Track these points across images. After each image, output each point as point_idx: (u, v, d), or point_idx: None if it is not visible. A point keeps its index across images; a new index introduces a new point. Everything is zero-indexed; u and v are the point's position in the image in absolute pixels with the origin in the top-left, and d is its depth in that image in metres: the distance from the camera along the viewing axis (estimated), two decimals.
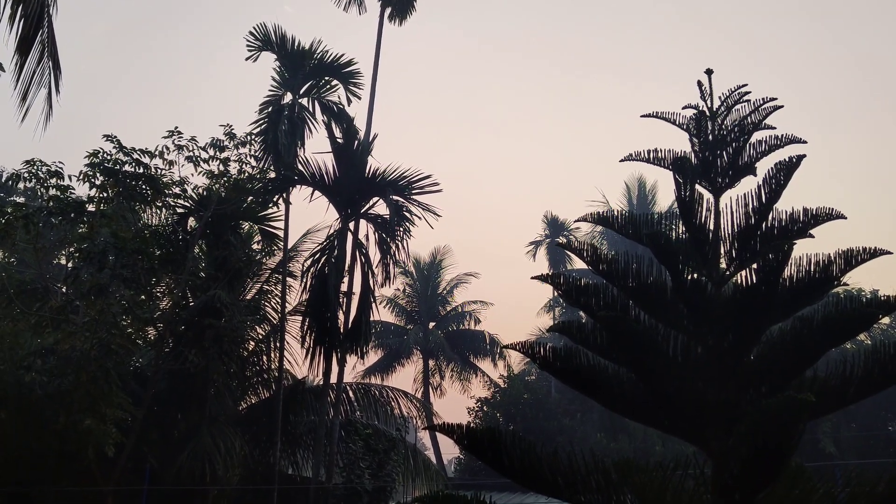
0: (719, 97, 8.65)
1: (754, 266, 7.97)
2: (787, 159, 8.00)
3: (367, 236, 20.11)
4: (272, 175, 20.09)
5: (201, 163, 17.52)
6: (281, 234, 20.89)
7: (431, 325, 41.61)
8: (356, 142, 20.52)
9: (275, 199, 20.29)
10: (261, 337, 21.23)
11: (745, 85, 8.50)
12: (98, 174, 16.15)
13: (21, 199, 21.56)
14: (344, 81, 22.22)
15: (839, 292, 8.16)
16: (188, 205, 18.58)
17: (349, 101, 22.12)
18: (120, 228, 15.88)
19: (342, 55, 21.91)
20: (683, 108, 8.72)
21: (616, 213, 8.64)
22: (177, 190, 17.59)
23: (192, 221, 18.98)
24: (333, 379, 19.97)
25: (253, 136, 19.15)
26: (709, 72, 8.64)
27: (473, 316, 41.74)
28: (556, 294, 40.96)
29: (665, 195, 45.84)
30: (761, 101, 8.42)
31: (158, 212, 18.20)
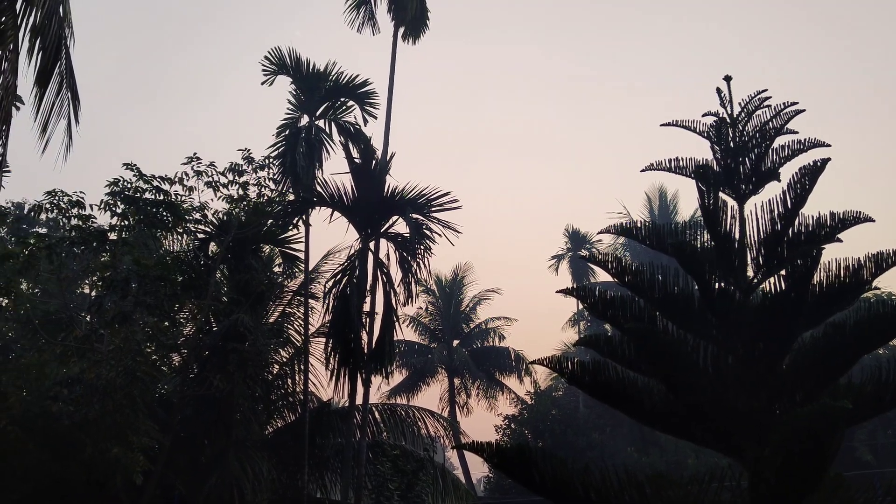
0: (739, 103, 8.56)
1: (782, 273, 7.85)
2: (811, 163, 7.89)
3: (387, 255, 20.04)
4: (291, 197, 20.12)
5: (220, 188, 17.58)
6: (301, 255, 20.92)
7: (455, 342, 41.39)
8: (374, 161, 20.52)
9: (294, 222, 20.31)
10: (285, 360, 21.21)
11: (766, 90, 8.41)
12: (119, 202, 16.22)
13: (43, 230, 21.70)
14: (360, 102, 22.25)
15: (869, 297, 8.00)
16: (209, 230, 18.63)
17: (365, 122, 22.14)
18: (142, 256, 15.93)
19: (357, 76, 21.96)
20: (703, 115, 8.63)
21: (639, 223, 8.55)
22: (197, 215, 17.63)
23: (213, 246, 19.01)
24: (359, 400, 19.87)
25: (271, 160, 19.19)
26: (727, 78, 8.56)
27: (497, 332, 41.46)
28: (580, 307, 40.78)
29: (687, 204, 45.49)
30: (782, 106, 8.32)
31: (179, 238, 18.25)
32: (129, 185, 16.36)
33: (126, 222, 16.36)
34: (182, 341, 18.21)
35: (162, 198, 16.72)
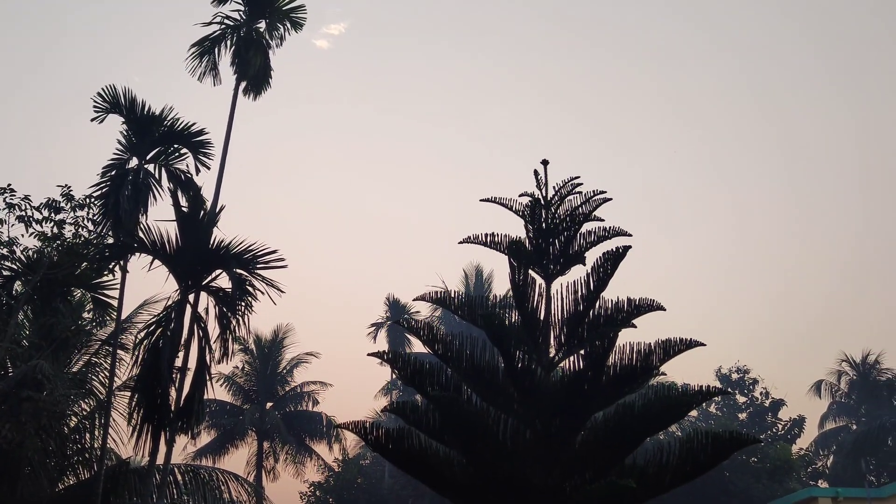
0: (553, 186, 9.03)
1: (582, 352, 8.24)
2: (613, 250, 8.41)
3: (206, 310, 19.43)
4: (110, 241, 19.28)
5: (34, 223, 16.71)
6: (115, 303, 19.94)
7: (269, 405, 40.42)
8: (202, 212, 20.00)
9: (111, 267, 19.42)
10: (85, 413, 20.03)
11: (578, 177, 8.91)
12: None
13: None
14: (194, 150, 21.70)
15: (654, 383, 8.52)
16: (15, 267, 17.60)
17: (198, 171, 21.53)
18: None
19: (193, 124, 21.42)
20: (520, 195, 9.04)
21: (452, 294, 8.79)
22: (4, 251, 16.65)
23: (18, 285, 17.93)
24: (160, 460, 18.96)
25: (92, 200, 18.41)
26: (545, 162, 9.01)
27: (312, 397, 40.88)
28: (393, 376, 40.91)
29: (500, 284, 46.87)
30: (592, 193, 8.85)
31: None
32: None
33: None
34: None
35: None
